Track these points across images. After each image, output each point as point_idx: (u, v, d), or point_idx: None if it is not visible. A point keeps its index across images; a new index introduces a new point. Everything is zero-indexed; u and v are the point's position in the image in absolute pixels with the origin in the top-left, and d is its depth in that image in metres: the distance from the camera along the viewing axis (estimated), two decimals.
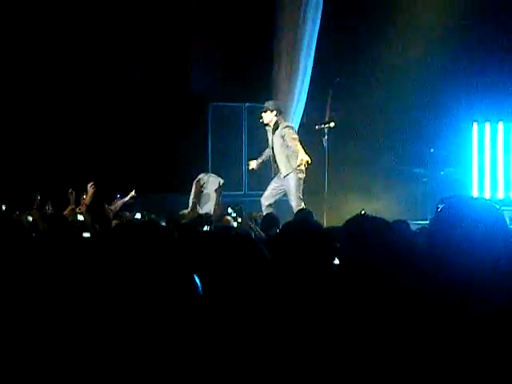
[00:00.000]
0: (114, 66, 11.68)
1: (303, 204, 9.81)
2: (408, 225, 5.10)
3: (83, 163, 10.86)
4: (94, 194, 8.20)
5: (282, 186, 10.09)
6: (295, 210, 9.37)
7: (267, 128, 10.22)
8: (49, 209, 8.28)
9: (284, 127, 10.00)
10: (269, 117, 10.04)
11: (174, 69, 12.07)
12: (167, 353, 2.01)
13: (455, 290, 2.32)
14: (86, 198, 8.15)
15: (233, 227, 7.50)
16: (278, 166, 10.06)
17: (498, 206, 2.53)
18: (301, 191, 9.91)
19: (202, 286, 2.16)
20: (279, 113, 10.09)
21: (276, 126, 10.04)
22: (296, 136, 9.94)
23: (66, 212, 7.86)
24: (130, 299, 2.06)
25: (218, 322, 2.26)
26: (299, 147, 9.74)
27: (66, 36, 11.24)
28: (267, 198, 10.09)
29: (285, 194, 10.08)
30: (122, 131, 11.58)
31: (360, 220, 3.23)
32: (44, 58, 11.17)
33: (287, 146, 9.90)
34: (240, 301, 2.35)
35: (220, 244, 2.57)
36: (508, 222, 2.53)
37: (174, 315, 2.04)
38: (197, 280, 2.15)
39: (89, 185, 8.29)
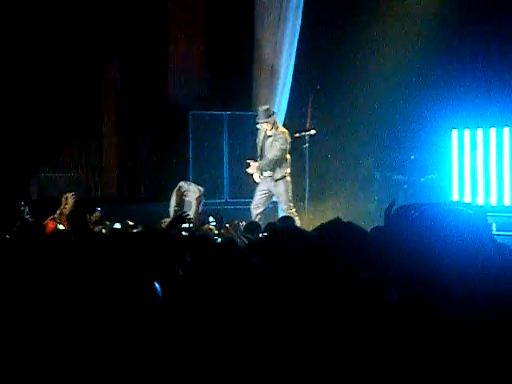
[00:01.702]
0: (94, 74, 11.63)
1: (293, 208, 9.87)
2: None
3: (62, 172, 10.81)
4: (75, 203, 8.18)
5: (269, 190, 10.09)
6: (286, 213, 9.44)
7: (259, 131, 10.21)
8: (27, 215, 8.24)
9: (280, 132, 10.04)
10: (268, 125, 10.07)
11: (153, 77, 12.06)
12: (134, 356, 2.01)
13: (431, 293, 2.32)
14: (66, 207, 8.12)
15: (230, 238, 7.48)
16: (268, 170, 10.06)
17: (471, 212, 2.52)
18: (291, 195, 9.99)
19: (199, 289, 2.17)
20: (272, 115, 10.13)
21: (270, 131, 10.09)
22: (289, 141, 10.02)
23: (46, 221, 7.84)
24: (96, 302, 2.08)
25: (213, 324, 2.26)
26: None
27: (44, 42, 11.17)
28: (258, 207, 10.09)
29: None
30: (102, 139, 11.55)
31: (329, 226, 3.26)
32: (19, 68, 11.09)
33: (281, 150, 9.94)
34: (230, 305, 2.35)
35: (209, 251, 2.58)
36: (489, 228, 2.53)
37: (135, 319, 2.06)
38: (156, 286, 2.18)
39: (69, 194, 8.26)
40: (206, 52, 12.38)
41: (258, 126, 10.23)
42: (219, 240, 6.68)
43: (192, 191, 9.71)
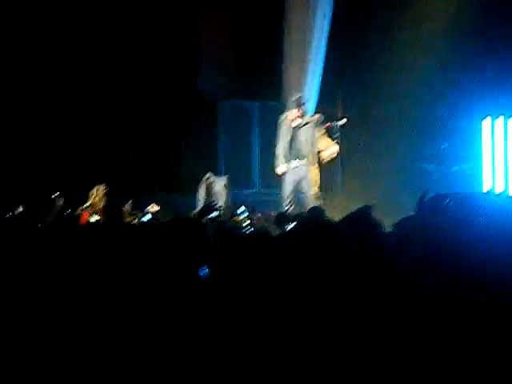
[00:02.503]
0: (123, 65, 11.68)
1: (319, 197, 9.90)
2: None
3: (92, 164, 10.87)
4: (106, 195, 8.26)
5: (299, 179, 10.09)
6: (313, 199, 9.42)
7: (297, 122, 10.18)
8: (60, 204, 8.29)
9: (316, 121, 10.06)
10: (294, 112, 10.07)
11: (183, 68, 12.08)
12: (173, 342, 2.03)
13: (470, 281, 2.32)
14: (97, 199, 8.19)
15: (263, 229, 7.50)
16: (303, 158, 10.08)
17: (503, 202, 2.52)
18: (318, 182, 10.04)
19: (232, 278, 2.19)
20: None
21: (304, 119, 10.10)
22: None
23: (79, 212, 7.92)
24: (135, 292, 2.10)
25: (237, 312, 2.27)
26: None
27: (77, 37, 11.25)
28: (290, 197, 10.09)
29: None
30: (132, 131, 11.60)
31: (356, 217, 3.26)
32: (50, 61, 11.17)
33: (315, 139, 9.96)
34: (262, 294, 2.37)
35: (242, 242, 2.60)
36: None
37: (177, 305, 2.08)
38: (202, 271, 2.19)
39: (100, 186, 8.33)
40: (236, 42, 12.37)
41: (283, 118, 10.21)
42: (251, 230, 6.71)
43: (218, 182, 9.72)
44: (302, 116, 10.11)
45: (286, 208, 9.94)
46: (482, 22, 11.41)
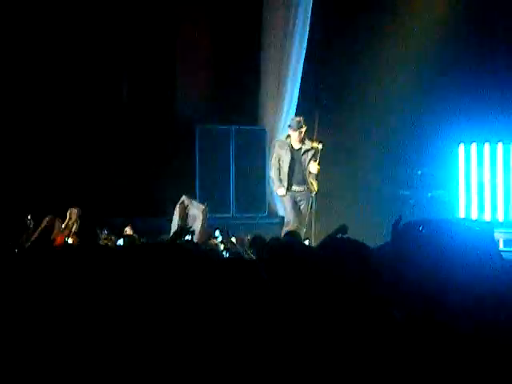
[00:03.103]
0: (100, 87, 11.65)
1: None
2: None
3: (67, 186, 10.79)
4: (80, 218, 8.22)
5: (297, 202, 10.13)
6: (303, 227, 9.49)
7: (291, 144, 10.20)
8: (30, 225, 8.24)
9: (316, 145, 10.09)
10: (296, 135, 10.11)
11: (160, 91, 12.07)
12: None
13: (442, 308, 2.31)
14: (70, 222, 8.15)
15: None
16: (303, 183, 10.10)
17: (478, 228, 2.51)
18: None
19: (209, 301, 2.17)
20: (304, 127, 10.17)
21: (305, 142, 10.13)
22: None
23: (53, 236, 7.86)
24: None
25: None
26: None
27: (49, 57, 11.19)
28: (300, 222, 10.12)
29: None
30: (108, 154, 11.55)
31: (331, 242, 3.27)
32: (24, 80, 11.10)
33: (314, 163, 10.02)
34: (240, 319, 2.35)
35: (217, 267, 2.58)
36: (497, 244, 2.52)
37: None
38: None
39: (74, 209, 8.29)
40: (213, 66, 12.39)
41: (276, 142, 10.27)
42: (227, 255, 6.68)
43: (195, 205, 9.67)
44: (302, 140, 10.15)
45: (290, 227, 9.94)
46: (462, 48, 11.53)
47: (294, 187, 10.19)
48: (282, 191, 10.22)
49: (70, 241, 7.89)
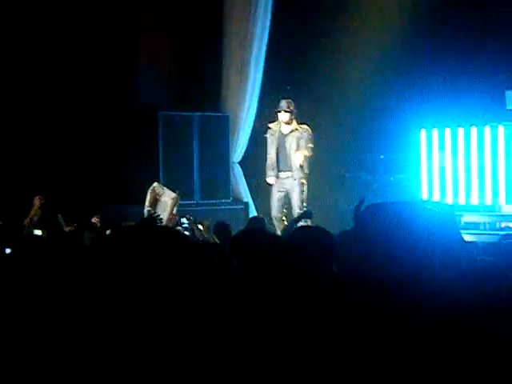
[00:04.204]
0: (62, 75, 11.56)
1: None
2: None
3: (31, 176, 10.71)
4: (41, 207, 8.10)
5: (285, 189, 10.11)
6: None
7: (274, 129, 10.18)
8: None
9: (305, 130, 10.05)
10: (287, 117, 10.07)
11: (122, 78, 12.01)
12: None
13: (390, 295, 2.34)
14: (32, 211, 8.01)
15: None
16: (288, 168, 10.08)
17: (439, 210, 2.54)
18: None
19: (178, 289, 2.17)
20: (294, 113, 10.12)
21: (292, 127, 10.09)
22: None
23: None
24: None
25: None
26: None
27: (16, 54, 11.08)
28: (279, 211, 10.11)
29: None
30: (71, 142, 11.48)
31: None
32: None
33: (300, 146, 9.99)
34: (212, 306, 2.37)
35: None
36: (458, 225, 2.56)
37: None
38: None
39: (36, 197, 8.19)
40: (175, 53, 12.36)
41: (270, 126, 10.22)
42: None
43: (167, 193, 9.62)
44: (289, 123, 10.14)
45: (273, 219, 9.98)
46: (423, 35, 11.62)
47: (281, 174, 10.22)
48: (270, 180, 10.29)
49: (38, 232, 7.70)
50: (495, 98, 11.06)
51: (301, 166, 10.00)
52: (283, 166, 10.25)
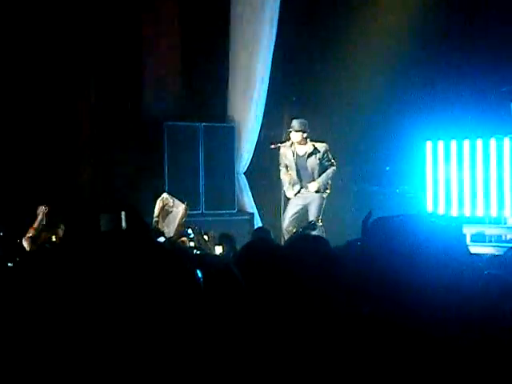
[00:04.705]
0: (67, 85, 11.57)
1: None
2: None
3: (33, 185, 10.69)
4: (46, 216, 8.06)
5: (305, 204, 10.20)
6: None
7: (288, 151, 10.26)
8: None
9: (322, 147, 10.35)
10: (299, 136, 10.17)
11: (128, 89, 12.02)
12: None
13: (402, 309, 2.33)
14: (36, 222, 7.95)
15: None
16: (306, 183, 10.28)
17: (445, 223, 2.53)
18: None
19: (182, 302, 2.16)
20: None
21: (308, 148, 10.29)
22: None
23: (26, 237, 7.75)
24: None
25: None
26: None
27: (15, 62, 11.08)
28: (293, 225, 10.16)
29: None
30: (74, 153, 11.48)
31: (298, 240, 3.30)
32: None
33: (323, 165, 10.22)
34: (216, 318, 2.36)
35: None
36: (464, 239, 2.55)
37: None
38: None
39: (41, 207, 8.16)
40: (181, 63, 12.37)
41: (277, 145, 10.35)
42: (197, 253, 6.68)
43: (176, 203, 9.52)
44: (304, 143, 10.25)
45: (284, 231, 10.01)
46: (429, 47, 11.62)
47: (303, 190, 10.36)
48: (289, 194, 10.38)
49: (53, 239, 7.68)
50: (501, 110, 11.04)
51: (317, 192, 10.15)
52: (306, 184, 10.38)
